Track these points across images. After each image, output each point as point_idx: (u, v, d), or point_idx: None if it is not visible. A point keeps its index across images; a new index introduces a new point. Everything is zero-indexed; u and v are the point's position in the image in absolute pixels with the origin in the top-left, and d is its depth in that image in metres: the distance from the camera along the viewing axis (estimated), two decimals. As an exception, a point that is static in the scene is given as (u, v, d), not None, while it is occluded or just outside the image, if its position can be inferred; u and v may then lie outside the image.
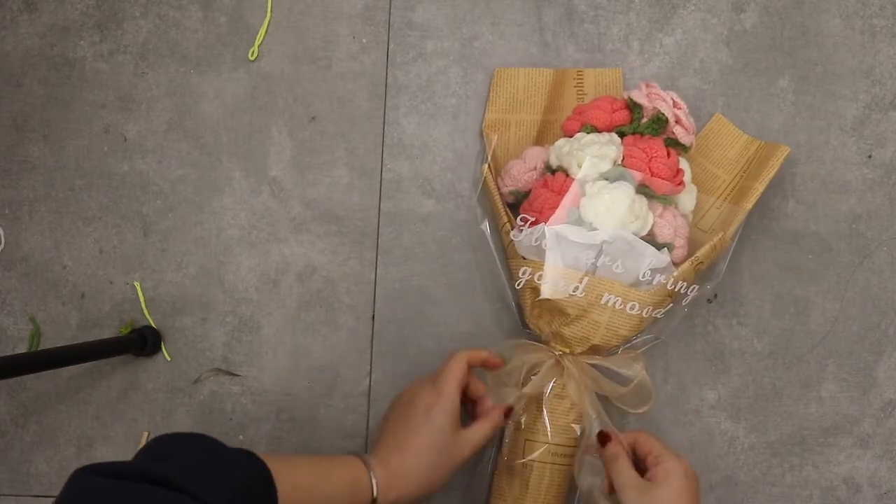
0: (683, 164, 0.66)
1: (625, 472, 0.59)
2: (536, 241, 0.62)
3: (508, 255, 0.68)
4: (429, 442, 0.60)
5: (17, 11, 0.78)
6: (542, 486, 0.65)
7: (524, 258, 0.65)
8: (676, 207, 0.66)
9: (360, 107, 0.76)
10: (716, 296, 0.73)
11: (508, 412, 0.64)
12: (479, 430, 0.62)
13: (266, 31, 0.77)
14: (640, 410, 0.66)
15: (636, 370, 0.65)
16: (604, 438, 0.63)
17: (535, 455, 0.65)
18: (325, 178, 0.75)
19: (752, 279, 0.74)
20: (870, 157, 0.75)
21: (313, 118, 0.76)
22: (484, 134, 0.74)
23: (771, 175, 0.68)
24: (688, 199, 0.68)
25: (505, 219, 0.67)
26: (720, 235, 0.65)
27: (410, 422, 0.61)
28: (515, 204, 0.70)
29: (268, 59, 0.76)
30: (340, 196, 0.75)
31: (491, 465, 0.70)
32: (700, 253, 0.64)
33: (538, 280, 0.63)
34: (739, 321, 0.73)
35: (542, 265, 0.63)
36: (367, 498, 0.57)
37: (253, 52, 0.76)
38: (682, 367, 0.73)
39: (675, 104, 0.66)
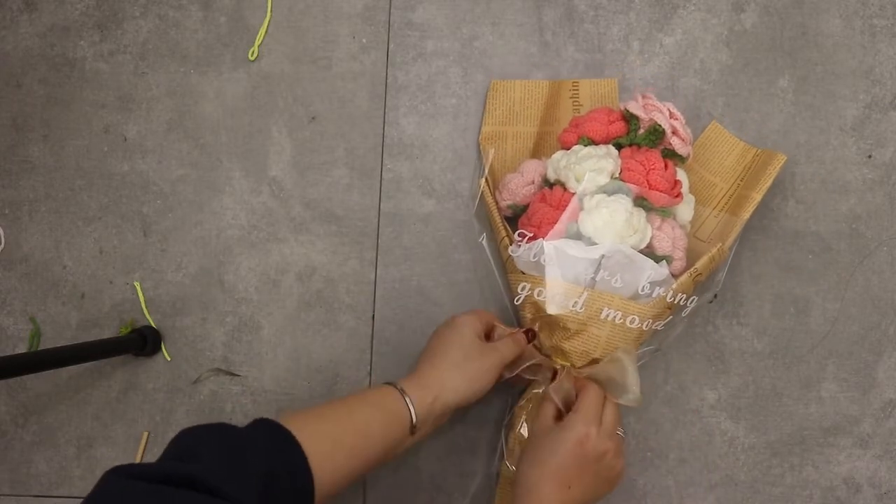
0: (681, 174, 0.66)
1: (542, 414, 0.63)
2: (535, 256, 0.62)
3: (507, 270, 0.68)
4: (453, 345, 0.62)
5: (17, 11, 0.78)
6: None
7: (523, 273, 0.64)
8: (675, 219, 0.66)
9: (360, 107, 0.76)
10: (716, 296, 0.73)
11: (529, 334, 0.65)
12: (503, 344, 0.64)
13: (266, 31, 0.77)
14: (624, 398, 0.62)
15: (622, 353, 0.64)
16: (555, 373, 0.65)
17: None
18: (325, 178, 0.75)
19: (752, 279, 0.74)
20: (870, 157, 0.75)
21: (313, 118, 0.76)
22: (480, 147, 0.74)
23: (768, 184, 0.67)
24: (686, 209, 0.67)
25: (503, 233, 0.67)
26: (718, 246, 0.65)
27: (438, 334, 0.64)
28: (514, 217, 0.70)
29: (268, 59, 0.76)
30: (340, 196, 0.75)
31: (496, 474, 0.69)
32: (699, 265, 0.64)
33: (538, 296, 0.63)
34: (739, 321, 0.73)
35: (542, 280, 0.62)
36: (404, 413, 0.58)
37: (253, 52, 0.76)
38: (682, 367, 0.73)
39: (671, 115, 0.65)
